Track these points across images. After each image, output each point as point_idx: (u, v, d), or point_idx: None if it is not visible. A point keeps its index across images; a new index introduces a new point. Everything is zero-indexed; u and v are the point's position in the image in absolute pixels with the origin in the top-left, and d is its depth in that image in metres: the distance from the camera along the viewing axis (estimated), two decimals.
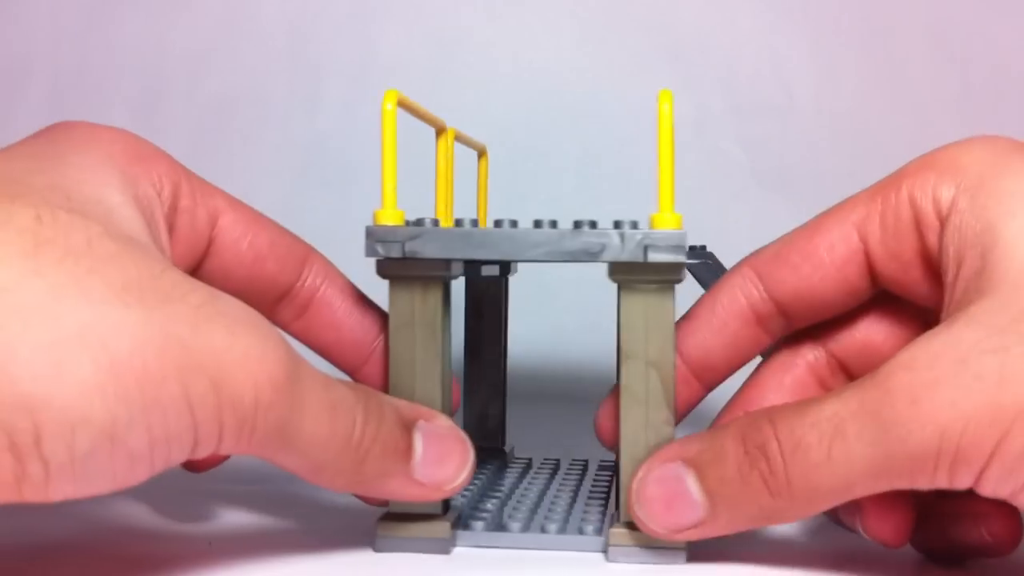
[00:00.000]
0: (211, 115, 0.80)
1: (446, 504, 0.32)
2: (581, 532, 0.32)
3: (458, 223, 0.32)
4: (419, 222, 0.31)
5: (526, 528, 0.33)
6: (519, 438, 0.45)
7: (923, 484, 0.27)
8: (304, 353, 0.29)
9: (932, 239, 0.30)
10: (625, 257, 0.30)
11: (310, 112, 0.80)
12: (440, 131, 0.37)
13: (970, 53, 0.76)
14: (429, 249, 0.31)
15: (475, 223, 0.32)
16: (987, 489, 0.26)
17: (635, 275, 0.31)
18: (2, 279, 0.22)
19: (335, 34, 0.80)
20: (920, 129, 0.75)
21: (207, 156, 0.80)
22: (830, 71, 0.77)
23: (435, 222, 0.31)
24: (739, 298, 0.33)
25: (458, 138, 0.38)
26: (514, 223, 0.32)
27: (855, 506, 0.30)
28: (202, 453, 0.25)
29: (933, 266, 0.31)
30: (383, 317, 0.34)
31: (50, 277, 0.22)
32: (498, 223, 0.32)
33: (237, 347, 0.24)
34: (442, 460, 0.30)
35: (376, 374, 0.34)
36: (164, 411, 0.23)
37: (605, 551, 0.31)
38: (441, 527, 0.31)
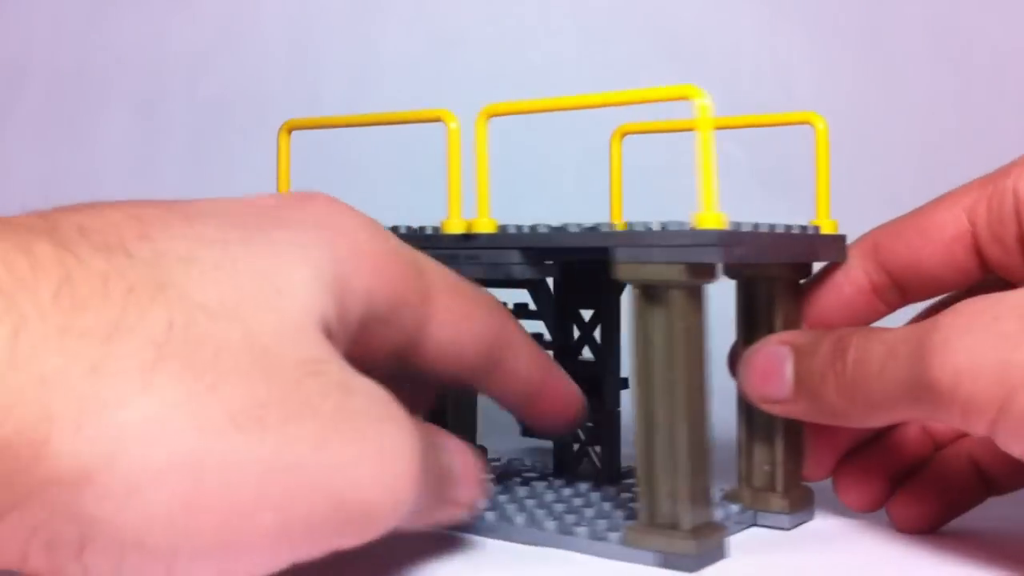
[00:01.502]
0: (211, 115, 0.79)
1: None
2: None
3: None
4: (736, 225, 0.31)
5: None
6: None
7: (948, 421, 0.28)
8: None
9: None
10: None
11: (310, 112, 0.79)
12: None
13: (970, 53, 0.76)
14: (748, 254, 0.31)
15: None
16: (1001, 441, 0.28)
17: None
18: (113, 394, 0.21)
19: (335, 34, 0.80)
20: (920, 129, 0.75)
21: (207, 156, 0.80)
22: (830, 71, 0.77)
23: (749, 225, 0.32)
24: (857, 267, 0.36)
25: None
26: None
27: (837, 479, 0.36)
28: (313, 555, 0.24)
29: None
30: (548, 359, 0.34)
31: (162, 396, 0.21)
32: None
33: (367, 457, 0.23)
34: (469, 476, 0.30)
35: (547, 411, 0.34)
36: (250, 546, 0.22)
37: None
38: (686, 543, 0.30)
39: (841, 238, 0.37)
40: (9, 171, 0.77)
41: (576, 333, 0.41)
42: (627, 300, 0.38)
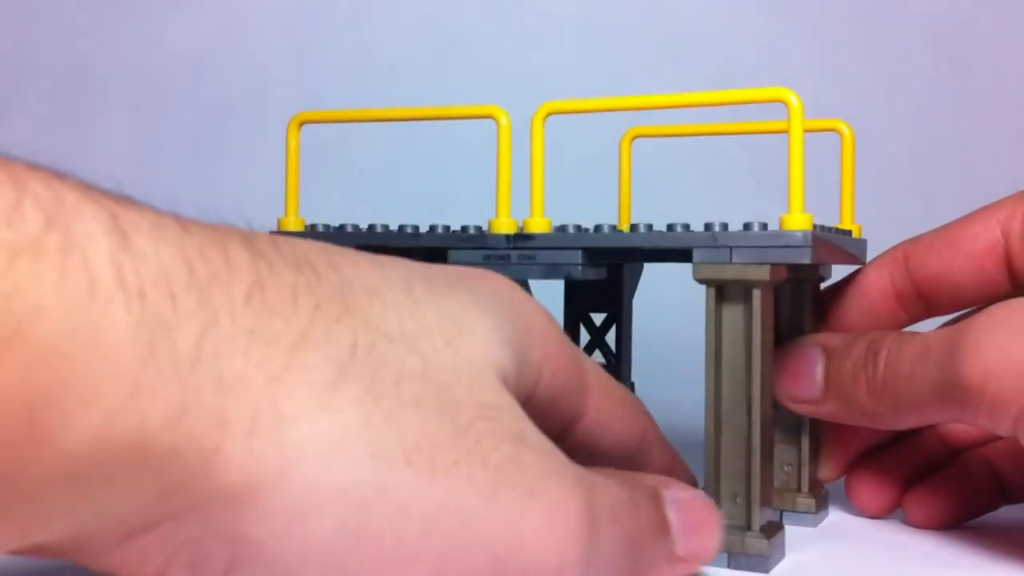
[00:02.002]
0: (211, 115, 0.80)
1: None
2: None
3: (635, 227, 0.32)
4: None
5: None
6: None
7: (975, 421, 0.29)
8: None
9: None
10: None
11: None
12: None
13: (970, 53, 0.76)
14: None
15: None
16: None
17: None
18: (291, 407, 0.19)
19: (335, 34, 0.80)
20: (920, 129, 0.75)
21: (207, 156, 0.80)
22: (830, 71, 0.77)
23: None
24: (884, 274, 0.36)
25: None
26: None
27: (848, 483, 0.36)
28: None
29: None
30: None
31: (340, 417, 0.20)
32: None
33: (533, 513, 0.22)
34: (697, 528, 0.27)
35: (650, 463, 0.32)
36: None
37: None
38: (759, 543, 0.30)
39: (865, 242, 0.37)
40: None
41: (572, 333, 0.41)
42: (636, 304, 0.39)
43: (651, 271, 0.38)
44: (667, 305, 0.48)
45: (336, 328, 0.21)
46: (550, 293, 0.39)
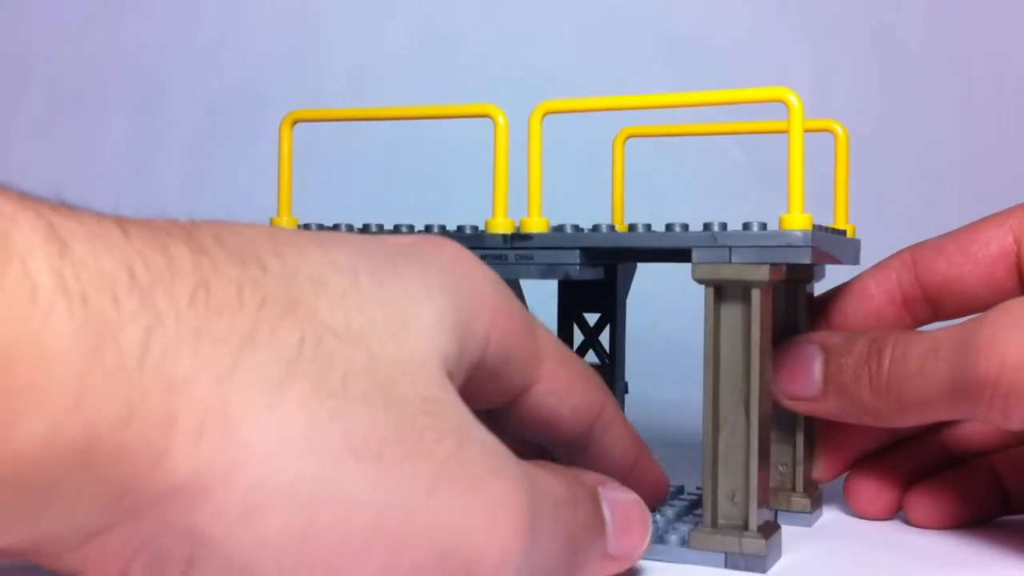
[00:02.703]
0: (211, 115, 0.80)
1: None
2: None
3: (633, 227, 0.32)
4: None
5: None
6: None
7: (986, 417, 0.29)
8: None
9: None
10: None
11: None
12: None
13: (970, 53, 0.76)
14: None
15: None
16: None
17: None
18: (239, 407, 0.19)
19: (335, 34, 0.80)
20: (920, 129, 0.75)
21: (207, 156, 0.80)
22: (830, 71, 0.77)
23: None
24: (891, 278, 0.36)
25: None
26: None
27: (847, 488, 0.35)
28: None
29: None
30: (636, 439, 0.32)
31: (288, 415, 0.20)
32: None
33: (476, 508, 0.22)
34: (629, 528, 0.28)
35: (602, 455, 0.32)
36: None
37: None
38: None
39: (859, 242, 0.37)
40: (9, 171, 0.77)
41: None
42: (633, 305, 0.38)
43: (648, 271, 0.38)
44: (664, 305, 0.48)
45: (282, 325, 0.21)
46: (543, 294, 0.39)
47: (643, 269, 0.38)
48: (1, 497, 0.17)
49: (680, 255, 0.31)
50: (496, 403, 0.28)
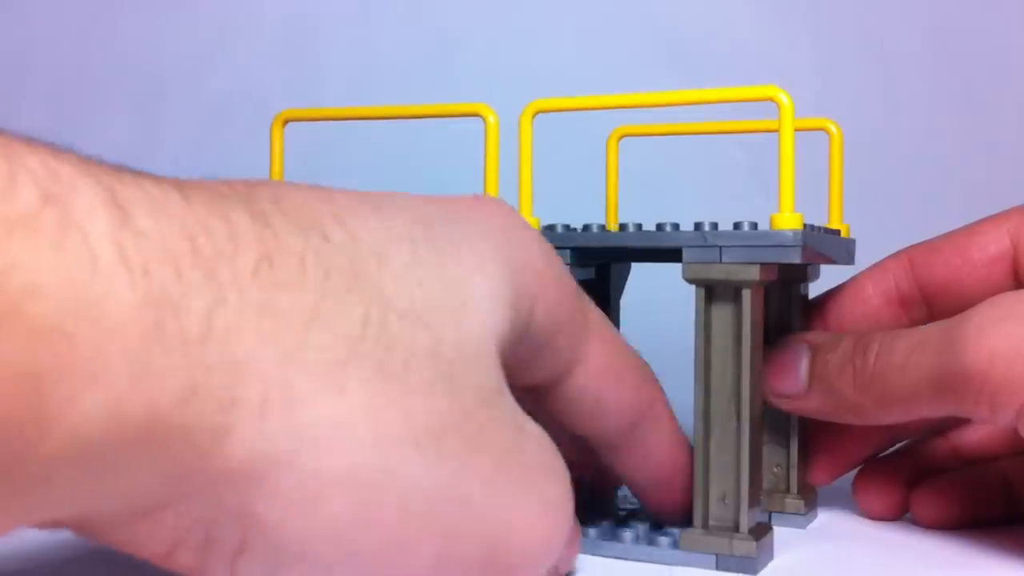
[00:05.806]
0: (211, 115, 0.80)
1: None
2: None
3: (623, 226, 0.32)
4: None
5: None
6: None
7: (973, 411, 0.28)
8: None
9: None
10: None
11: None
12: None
13: (970, 53, 0.76)
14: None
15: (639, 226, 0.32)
16: None
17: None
18: (302, 388, 0.19)
19: (335, 34, 0.80)
20: (920, 129, 0.75)
21: (207, 156, 0.80)
22: (830, 71, 0.77)
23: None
24: (888, 278, 0.36)
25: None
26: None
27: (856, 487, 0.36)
28: None
29: None
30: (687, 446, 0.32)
31: (351, 398, 0.19)
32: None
33: (529, 505, 0.22)
34: (573, 540, 0.28)
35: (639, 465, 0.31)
36: (409, 571, 0.21)
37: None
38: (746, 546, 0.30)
39: (853, 242, 0.37)
40: None
41: None
42: (625, 304, 0.38)
43: (642, 271, 0.38)
44: (659, 306, 0.48)
45: (347, 300, 0.20)
46: None
47: (638, 269, 0.38)
48: (60, 473, 0.16)
49: (672, 255, 0.31)
50: (537, 381, 0.27)
